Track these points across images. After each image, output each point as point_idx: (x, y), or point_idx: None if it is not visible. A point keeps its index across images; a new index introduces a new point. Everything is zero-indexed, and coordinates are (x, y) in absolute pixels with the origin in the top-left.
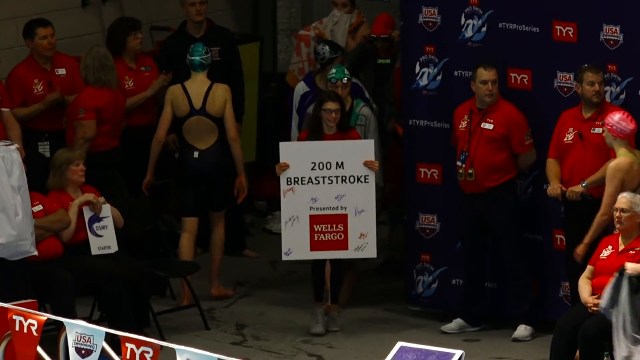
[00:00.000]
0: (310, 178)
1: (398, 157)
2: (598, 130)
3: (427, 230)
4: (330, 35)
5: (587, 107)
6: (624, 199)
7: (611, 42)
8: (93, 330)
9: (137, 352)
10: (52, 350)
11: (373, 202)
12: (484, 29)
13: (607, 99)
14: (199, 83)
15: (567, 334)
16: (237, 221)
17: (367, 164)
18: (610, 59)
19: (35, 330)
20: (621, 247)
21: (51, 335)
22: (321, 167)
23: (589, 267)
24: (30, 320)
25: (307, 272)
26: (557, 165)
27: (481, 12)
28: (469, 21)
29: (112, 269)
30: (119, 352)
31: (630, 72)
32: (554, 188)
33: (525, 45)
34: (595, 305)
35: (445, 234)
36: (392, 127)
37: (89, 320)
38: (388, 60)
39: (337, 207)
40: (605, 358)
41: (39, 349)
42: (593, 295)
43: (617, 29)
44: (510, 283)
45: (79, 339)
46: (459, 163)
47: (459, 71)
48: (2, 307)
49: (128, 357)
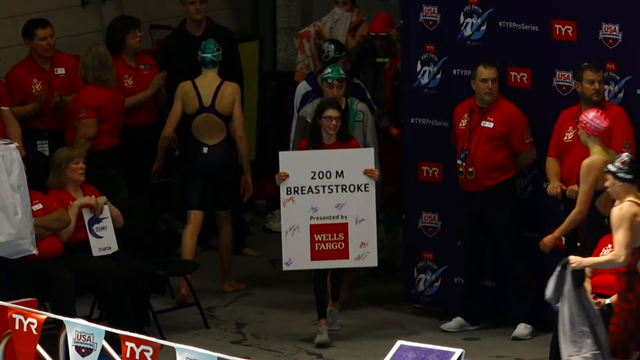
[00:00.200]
0: (310, 187)
1: (391, 157)
2: None
3: (430, 229)
4: (330, 33)
5: (587, 105)
6: None
7: (610, 40)
8: (93, 329)
9: (137, 350)
10: (52, 349)
11: (373, 211)
12: (483, 28)
13: (605, 98)
14: (210, 80)
15: None
16: (237, 220)
17: (367, 172)
18: (609, 58)
19: (35, 329)
20: None
21: (51, 334)
22: (321, 176)
23: None
24: (30, 319)
25: (306, 272)
26: (557, 164)
27: (480, 11)
28: (468, 20)
29: (112, 268)
30: (119, 351)
31: (628, 71)
32: (553, 187)
33: (525, 44)
34: (594, 304)
35: (447, 233)
36: (384, 127)
37: (88, 319)
38: (387, 60)
39: (338, 216)
40: None
41: (38, 347)
42: (592, 294)
43: (616, 27)
44: (510, 282)
45: (79, 338)
46: (459, 161)
47: (458, 70)
48: (2, 305)
49: (128, 355)
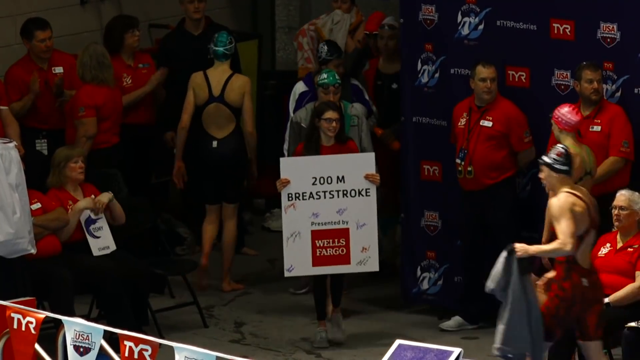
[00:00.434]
0: (311, 193)
1: (383, 158)
2: (597, 128)
3: (431, 228)
4: (329, 34)
5: (586, 105)
6: (622, 196)
7: (608, 40)
8: (91, 328)
9: (136, 350)
10: (50, 348)
11: (374, 216)
12: (480, 27)
13: (604, 97)
14: (221, 72)
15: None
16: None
17: (368, 177)
18: (607, 57)
19: (34, 328)
20: (619, 244)
21: (49, 333)
22: (322, 181)
23: None
24: (28, 318)
25: None
26: None
27: (478, 10)
28: (466, 19)
29: (111, 267)
30: (117, 350)
31: (626, 70)
32: None
33: (523, 43)
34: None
35: (447, 232)
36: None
37: (87, 318)
38: None
39: (339, 221)
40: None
41: (37, 346)
42: None
43: (614, 27)
44: None
45: (77, 337)
46: (458, 160)
47: (456, 69)
48: (0, 304)
49: (127, 355)
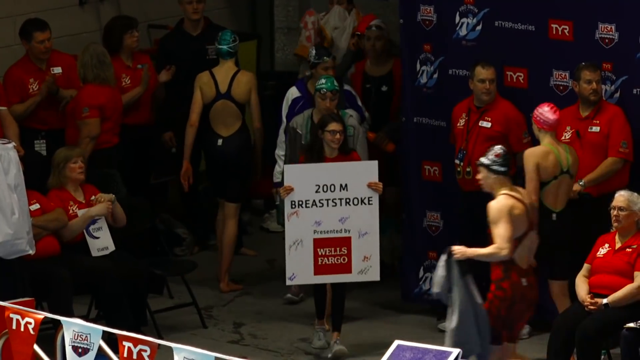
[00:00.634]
0: (314, 201)
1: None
2: (595, 129)
3: (433, 228)
4: (332, 32)
5: (585, 105)
6: (621, 197)
7: (606, 40)
8: (90, 328)
9: (135, 350)
10: (49, 349)
11: (376, 224)
12: (478, 28)
13: (603, 97)
14: (226, 69)
15: (564, 332)
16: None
17: (371, 185)
18: (606, 58)
19: (32, 328)
20: (618, 245)
21: (48, 334)
22: (325, 189)
23: (585, 266)
24: (27, 319)
25: None
26: None
27: (476, 11)
28: (464, 20)
29: (110, 267)
30: (116, 351)
31: (624, 71)
32: None
33: (521, 44)
34: (592, 304)
35: (449, 232)
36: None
37: (86, 318)
38: None
39: (341, 230)
40: (603, 357)
41: (36, 347)
42: (590, 293)
43: (613, 27)
44: None
45: (76, 338)
46: (457, 161)
47: (454, 70)
48: None
49: (125, 355)
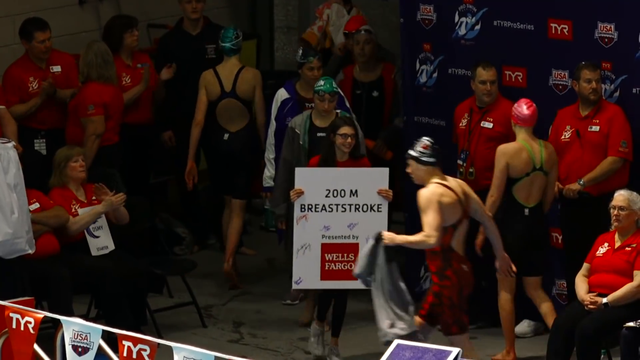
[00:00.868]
0: (324, 205)
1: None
2: (595, 128)
3: None
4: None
5: (584, 105)
6: (621, 197)
7: (606, 39)
8: (90, 328)
9: (134, 349)
10: (49, 348)
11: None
12: (477, 27)
13: (603, 97)
14: (230, 67)
15: (564, 331)
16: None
17: (381, 192)
18: (605, 57)
19: (32, 327)
20: (617, 244)
21: (48, 333)
22: (335, 194)
23: (585, 265)
24: (27, 318)
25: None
26: None
27: (475, 10)
28: (463, 19)
29: (110, 267)
30: (116, 350)
31: (624, 70)
32: None
33: (520, 43)
34: (591, 303)
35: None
36: None
37: (86, 318)
38: None
39: (349, 236)
40: (603, 356)
41: (35, 346)
42: (590, 293)
43: (612, 26)
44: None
45: (75, 337)
46: (459, 162)
47: (453, 69)
48: None
49: (125, 355)
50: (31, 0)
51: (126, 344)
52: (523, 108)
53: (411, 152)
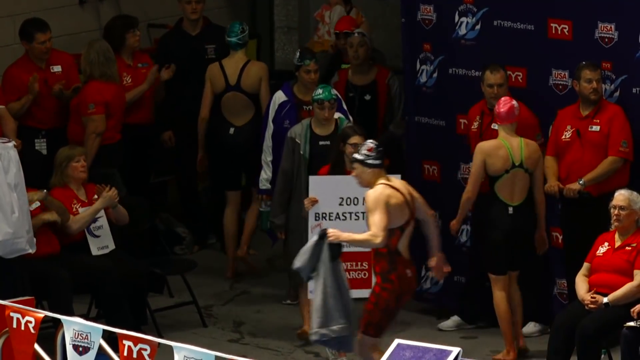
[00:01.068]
0: (337, 214)
1: None
2: (596, 128)
3: None
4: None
5: (585, 104)
6: (621, 196)
7: (606, 39)
8: (90, 327)
9: (135, 349)
10: (49, 348)
11: None
12: (477, 27)
13: (603, 97)
14: (236, 60)
15: (564, 331)
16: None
17: None
18: (605, 57)
19: (33, 327)
20: (617, 243)
21: (48, 333)
22: (348, 202)
23: (585, 265)
24: (27, 318)
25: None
26: (555, 162)
27: (475, 10)
28: (463, 19)
29: (110, 266)
30: (116, 350)
31: (624, 70)
32: (551, 185)
33: (520, 43)
34: (592, 302)
35: (447, 232)
36: None
37: (86, 317)
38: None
39: None
40: (603, 356)
41: (36, 346)
42: (591, 292)
43: (612, 26)
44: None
45: (76, 336)
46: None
47: (454, 69)
48: None
49: (125, 354)
50: (31, 1)
51: (127, 343)
52: (500, 106)
53: (356, 156)
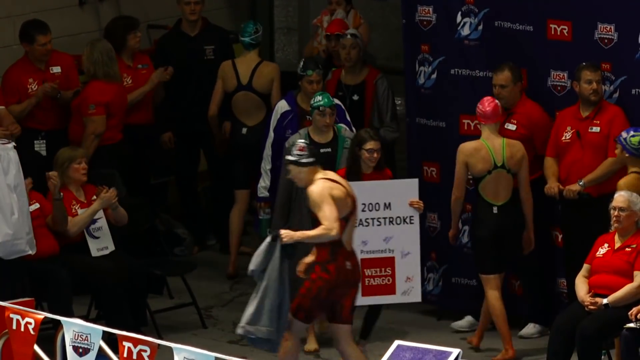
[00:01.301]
0: (361, 220)
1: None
2: (596, 129)
3: (432, 229)
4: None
5: (585, 105)
6: (621, 197)
7: (605, 40)
8: (90, 328)
9: (135, 350)
10: (49, 349)
11: (417, 244)
12: (480, 28)
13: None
14: (249, 60)
15: (564, 332)
16: None
17: (412, 203)
18: (604, 58)
19: (33, 328)
20: (617, 244)
21: (48, 334)
22: (371, 208)
23: (585, 266)
24: (27, 319)
25: None
26: (555, 163)
27: (477, 11)
28: (466, 19)
29: (110, 267)
30: (116, 351)
31: (624, 71)
32: (551, 187)
33: (520, 44)
34: (591, 304)
35: (446, 233)
36: None
37: (86, 318)
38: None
39: (385, 250)
40: (603, 357)
41: (36, 347)
42: (590, 293)
43: (612, 27)
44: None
45: (76, 338)
46: None
47: (456, 69)
48: None
49: (125, 355)
50: (31, 1)
51: (126, 344)
52: (484, 105)
53: (289, 158)
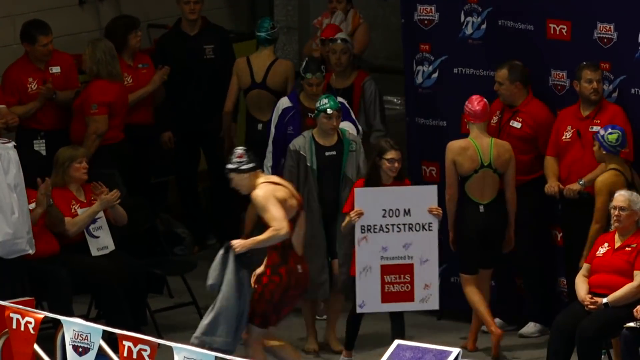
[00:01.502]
0: (381, 226)
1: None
2: (596, 128)
3: None
4: None
5: (585, 105)
6: (622, 197)
7: (605, 40)
8: (90, 328)
9: (135, 350)
10: (49, 348)
11: (436, 251)
12: (483, 27)
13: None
14: (264, 57)
15: (564, 332)
16: (235, 219)
17: (432, 210)
18: (604, 58)
19: (32, 328)
20: (617, 244)
21: (48, 333)
22: (391, 214)
23: (585, 265)
24: (27, 318)
25: None
26: (555, 163)
27: (480, 10)
28: (469, 18)
29: (110, 267)
30: (116, 350)
31: (623, 71)
32: (551, 186)
33: (520, 43)
34: (591, 303)
35: (445, 233)
36: None
37: (86, 318)
38: None
39: (405, 256)
40: (603, 357)
41: (36, 346)
42: (590, 293)
43: (611, 27)
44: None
45: (76, 337)
46: None
47: (459, 68)
48: None
49: (125, 355)
50: (31, 1)
51: (126, 344)
52: (474, 104)
53: (229, 166)
